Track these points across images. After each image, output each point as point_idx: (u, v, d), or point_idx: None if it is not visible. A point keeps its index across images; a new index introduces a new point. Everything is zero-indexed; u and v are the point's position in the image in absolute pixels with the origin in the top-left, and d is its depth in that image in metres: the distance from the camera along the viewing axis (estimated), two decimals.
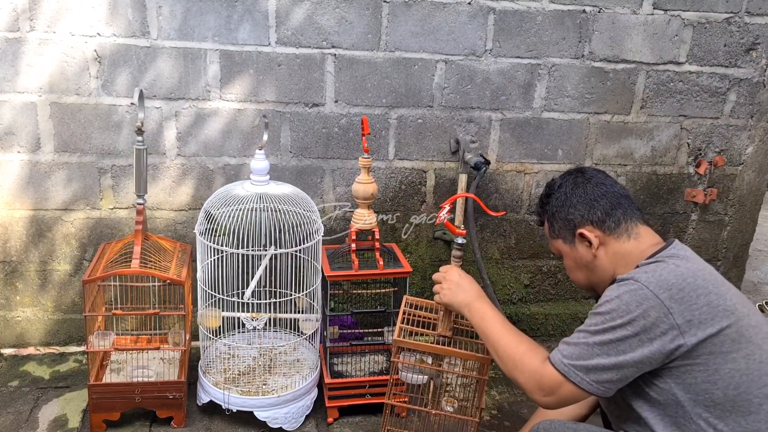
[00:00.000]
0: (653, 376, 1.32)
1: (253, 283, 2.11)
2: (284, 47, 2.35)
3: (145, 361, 2.21)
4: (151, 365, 2.23)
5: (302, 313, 2.21)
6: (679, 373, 1.29)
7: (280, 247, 2.08)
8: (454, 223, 2.50)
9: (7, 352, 2.48)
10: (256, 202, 2.05)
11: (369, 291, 2.27)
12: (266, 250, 2.11)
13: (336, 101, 2.43)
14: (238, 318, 2.15)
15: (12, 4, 2.17)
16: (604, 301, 1.34)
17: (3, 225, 2.38)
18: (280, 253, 2.11)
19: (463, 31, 2.43)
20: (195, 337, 2.28)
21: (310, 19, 2.33)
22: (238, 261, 2.08)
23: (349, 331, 2.33)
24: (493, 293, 2.58)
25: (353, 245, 2.16)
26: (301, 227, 2.08)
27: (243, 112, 2.39)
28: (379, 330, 2.26)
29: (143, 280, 2.16)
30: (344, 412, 2.21)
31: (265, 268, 2.16)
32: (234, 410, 2.07)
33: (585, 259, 1.48)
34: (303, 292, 2.16)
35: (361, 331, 2.33)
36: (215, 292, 2.10)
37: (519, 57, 2.49)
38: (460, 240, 1.77)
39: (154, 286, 2.15)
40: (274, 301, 2.16)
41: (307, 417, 2.17)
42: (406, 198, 2.60)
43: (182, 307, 2.06)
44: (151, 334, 2.27)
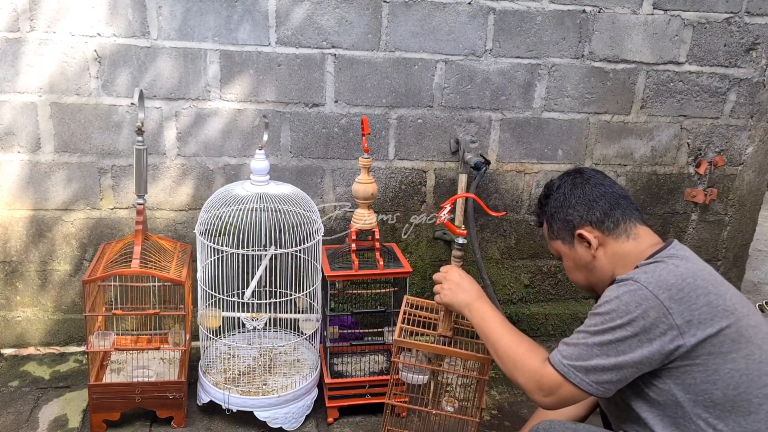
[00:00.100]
0: (653, 377, 1.32)
1: (253, 283, 2.11)
2: (284, 47, 2.35)
3: (145, 361, 2.21)
4: (151, 365, 2.23)
5: (302, 313, 2.21)
6: (679, 374, 1.29)
7: (280, 247, 2.08)
8: (454, 223, 2.50)
9: (8, 352, 2.48)
10: (256, 202, 2.05)
11: (369, 291, 2.27)
12: (266, 250, 2.11)
13: (336, 101, 2.43)
14: (238, 318, 2.15)
15: (12, 4, 2.17)
16: (604, 302, 1.34)
17: (3, 225, 2.38)
18: (280, 253, 2.11)
19: (463, 31, 2.43)
20: (195, 337, 2.28)
21: (310, 19, 2.33)
22: (238, 261, 2.08)
23: (349, 331, 2.33)
24: (493, 293, 2.58)
25: (353, 245, 2.16)
26: (301, 227, 2.08)
27: (243, 112, 2.39)
28: (380, 330, 2.26)
29: (143, 280, 2.17)
30: (344, 412, 2.21)
31: (265, 268, 2.16)
32: (234, 410, 2.07)
33: (584, 260, 1.48)
34: (303, 292, 2.17)
35: (361, 331, 2.33)
36: (215, 292, 2.10)
37: (519, 57, 2.49)
38: (460, 240, 1.77)
39: (154, 286, 2.15)
40: (274, 301, 2.16)
41: (308, 417, 2.17)
42: (406, 198, 2.60)
43: (182, 307, 2.06)
44: (151, 334, 2.27)
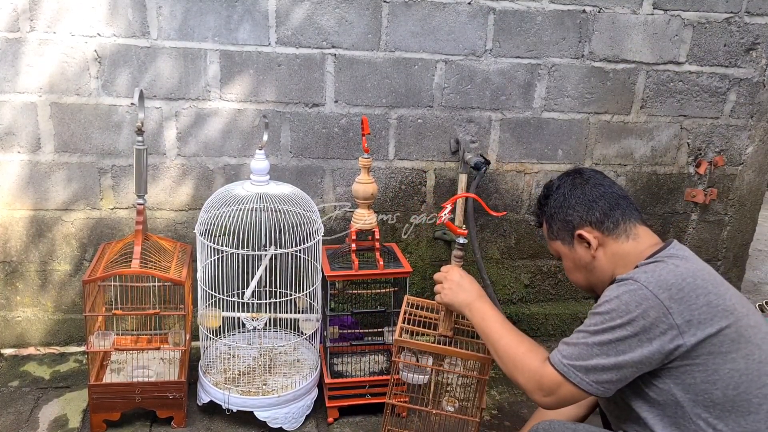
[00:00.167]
0: (652, 377, 1.32)
1: (253, 283, 2.11)
2: (284, 47, 2.35)
3: (145, 361, 2.21)
4: (151, 365, 2.23)
5: (302, 313, 2.21)
6: (679, 374, 1.29)
7: (280, 247, 2.08)
8: (454, 223, 2.50)
9: (8, 352, 2.49)
10: (256, 202, 2.05)
11: (369, 291, 2.27)
12: (266, 250, 2.11)
13: (336, 101, 2.43)
14: (238, 318, 2.15)
15: (12, 4, 2.17)
16: (604, 301, 1.34)
17: (3, 225, 2.38)
18: (280, 253, 2.11)
19: (463, 31, 2.43)
20: (195, 337, 2.28)
21: (310, 19, 2.33)
22: (238, 261, 2.08)
23: (350, 331, 2.33)
24: (493, 293, 2.58)
25: (353, 245, 2.16)
26: (301, 227, 2.08)
27: (243, 112, 2.39)
28: (380, 330, 2.26)
29: (143, 280, 2.17)
30: (344, 412, 2.21)
31: (265, 268, 2.16)
32: (234, 410, 2.07)
33: (584, 260, 1.48)
34: (303, 292, 2.17)
35: (361, 331, 2.33)
36: (215, 292, 2.10)
37: (519, 57, 2.49)
38: (461, 240, 1.77)
39: (154, 286, 2.15)
40: (275, 301, 2.16)
41: (308, 417, 2.17)
42: (406, 198, 2.60)
43: (182, 307, 2.06)
44: (151, 334, 2.27)
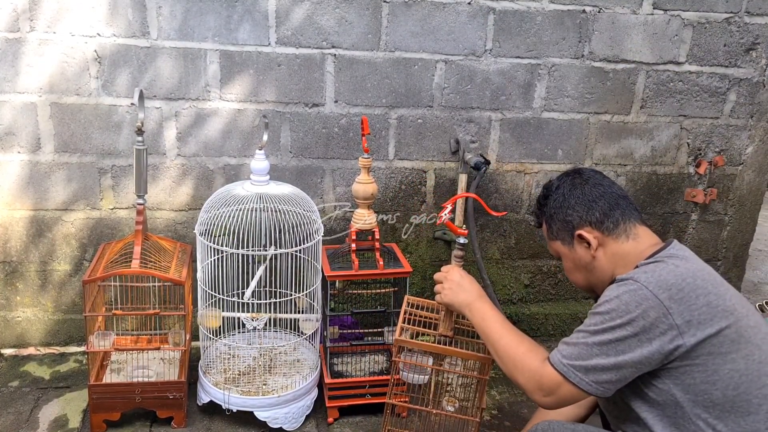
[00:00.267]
0: (652, 377, 1.32)
1: (253, 284, 2.11)
2: (284, 47, 2.35)
3: (145, 361, 2.21)
4: (151, 365, 2.23)
5: (302, 313, 2.21)
6: (678, 374, 1.29)
7: (280, 247, 2.08)
8: (454, 223, 2.50)
9: (8, 352, 2.49)
10: (256, 202, 2.05)
11: (369, 291, 2.27)
12: (266, 250, 2.11)
13: (336, 101, 2.43)
14: (238, 318, 2.15)
15: (12, 4, 2.17)
16: (604, 301, 1.34)
17: (3, 225, 2.38)
18: (280, 253, 2.11)
19: (463, 31, 2.43)
20: (195, 337, 2.28)
21: (310, 19, 2.33)
22: (238, 261, 2.08)
23: (350, 331, 2.33)
24: (493, 293, 2.58)
25: (353, 245, 2.16)
26: (301, 227, 2.08)
27: (243, 112, 2.39)
28: (380, 330, 2.26)
29: (143, 280, 2.17)
30: (344, 412, 2.21)
31: (265, 268, 2.16)
32: (234, 410, 2.07)
33: (584, 260, 1.48)
34: (303, 292, 2.17)
35: (362, 331, 2.33)
36: (215, 293, 2.10)
37: (519, 57, 2.49)
38: (461, 240, 1.77)
39: (154, 286, 2.15)
40: (274, 301, 2.16)
41: (308, 417, 2.17)
42: (406, 198, 2.60)
43: (182, 307, 2.06)
44: (151, 334, 2.27)
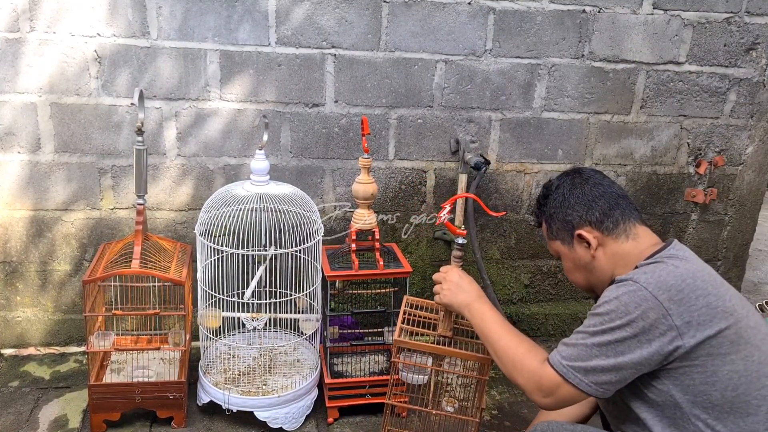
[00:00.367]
0: (651, 378, 1.32)
1: (253, 284, 2.11)
2: (284, 47, 2.35)
3: (145, 362, 2.21)
4: (151, 365, 2.23)
5: (302, 313, 2.21)
6: (677, 375, 1.29)
7: (280, 247, 2.08)
8: (454, 223, 2.50)
9: (8, 352, 2.49)
10: (256, 202, 2.05)
11: (369, 291, 2.27)
12: (266, 250, 2.12)
13: (336, 101, 2.43)
14: (239, 318, 2.15)
15: (12, 4, 2.17)
16: (603, 302, 1.34)
17: (3, 225, 2.38)
18: (280, 253, 2.11)
19: (463, 31, 2.43)
20: (195, 337, 2.28)
21: (310, 19, 2.33)
22: (238, 261, 2.08)
23: (350, 331, 2.33)
24: (493, 293, 2.58)
25: (353, 245, 2.16)
26: (301, 227, 2.08)
27: (243, 112, 2.39)
28: (380, 330, 2.26)
29: (143, 281, 2.17)
30: (344, 412, 2.21)
31: (265, 268, 2.16)
32: (234, 410, 2.07)
33: (583, 260, 1.48)
34: (303, 292, 2.17)
35: (362, 331, 2.33)
36: (215, 293, 2.10)
37: (519, 57, 2.49)
38: (460, 240, 1.77)
39: (154, 287, 2.15)
40: (275, 301, 2.16)
41: (308, 417, 2.17)
42: (406, 198, 2.60)
43: (182, 307, 2.06)
44: (151, 335, 2.27)
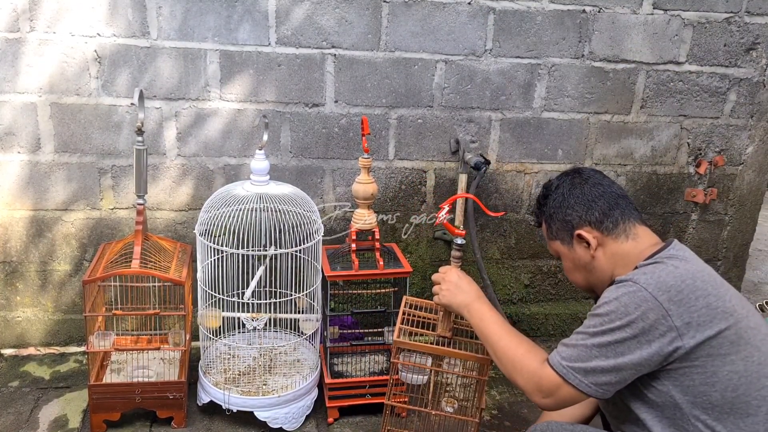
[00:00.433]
0: (651, 378, 1.32)
1: (253, 284, 2.11)
2: (284, 47, 2.35)
3: (145, 362, 2.22)
4: (151, 365, 2.23)
5: (302, 313, 2.21)
6: (677, 375, 1.29)
7: (280, 247, 2.08)
8: (453, 224, 2.50)
9: (8, 352, 2.49)
10: (256, 202, 2.05)
11: (369, 291, 2.27)
12: (266, 250, 2.12)
13: (336, 101, 2.43)
14: (239, 318, 2.15)
15: (12, 4, 2.17)
16: (603, 303, 1.34)
17: (3, 225, 2.38)
18: (280, 253, 2.11)
19: (463, 31, 2.43)
20: (195, 337, 2.28)
21: (310, 19, 2.33)
22: (238, 261, 2.08)
23: (350, 331, 2.33)
24: (493, 293, 2.58)
25: (353, 245, 2.16)
26: (301, 227, 2.08)
27: (243, 112, 2.39)
28: (380, 330, 2.26)
29: (143, 281, 2.17)
30: (344, 412, 2.21)
31: (265, 268, 2.16)
32: (234, 410, 2.07)
33: (583, 260, 1.48)
34: (303, 292, 2.17)
35: (362, 331, 2.33)
36: (215, 293, 2.10)
37: (519, 57, 2.49)
38: (459, 240, 1.77)
39: (154, 287, 2.15)
40: (275, 301, 2.16)
41: (308, 417, 2.17)
42: (406, 198, 2.60)
43: (182, 307, 2.06)
44: (151, 335, 2.27)
